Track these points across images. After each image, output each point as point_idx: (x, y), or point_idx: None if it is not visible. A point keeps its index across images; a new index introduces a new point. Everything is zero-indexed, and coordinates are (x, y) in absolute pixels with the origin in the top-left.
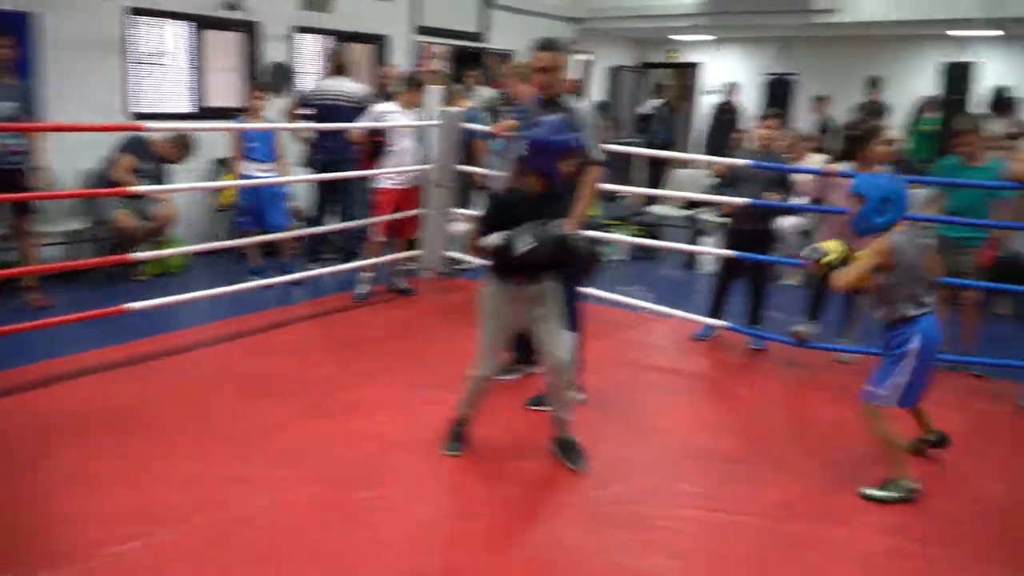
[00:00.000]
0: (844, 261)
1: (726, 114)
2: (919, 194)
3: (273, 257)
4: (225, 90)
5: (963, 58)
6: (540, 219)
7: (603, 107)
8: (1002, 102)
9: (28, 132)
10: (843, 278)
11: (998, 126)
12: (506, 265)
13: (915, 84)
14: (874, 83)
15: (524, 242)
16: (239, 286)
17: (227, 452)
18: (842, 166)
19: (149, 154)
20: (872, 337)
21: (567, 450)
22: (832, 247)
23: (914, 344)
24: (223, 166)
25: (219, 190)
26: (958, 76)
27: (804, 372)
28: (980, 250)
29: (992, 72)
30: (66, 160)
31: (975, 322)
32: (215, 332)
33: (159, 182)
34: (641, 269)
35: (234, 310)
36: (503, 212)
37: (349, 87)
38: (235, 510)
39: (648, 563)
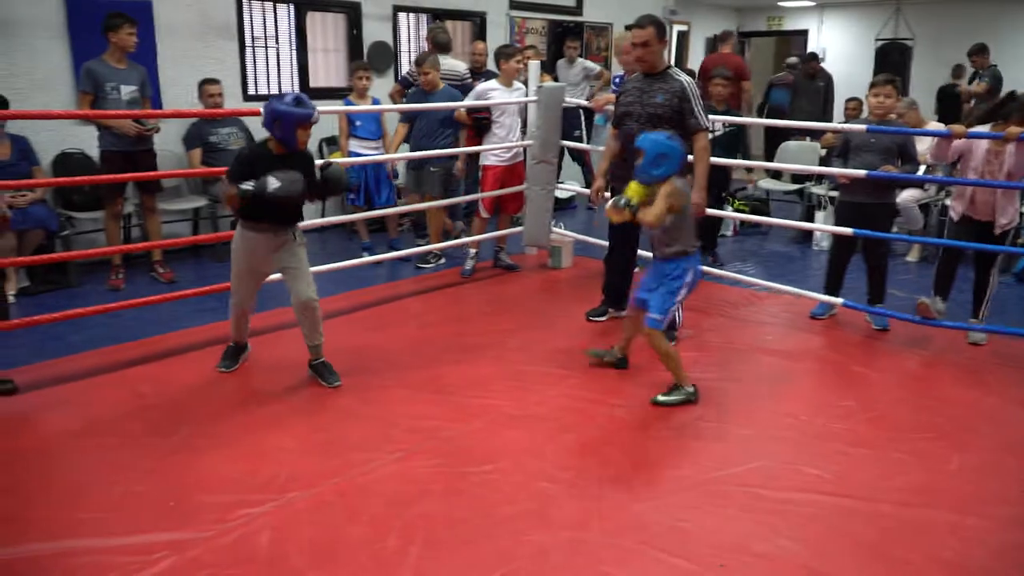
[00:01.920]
0: (644, 203)
1: (817, 83)
2: None
3: (380, 233)
4: (328, 70)
5: None
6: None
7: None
8: None
9: (149, 117)
10: (648, 215)
11: None
12: (254, 213)
13: None
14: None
15: (272, 184)
16: (352, 261)
17: (353, 424)
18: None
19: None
20: (1005, 316)
21: (321, 372)
22: (633, 190)
23: (689, 277)
24: (329, 145)
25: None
26: None
27: (932, 353)
28: None
29: None
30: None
31: None
32: (331, 307)
33: None
34: (752, 245)
35: (346, 285)
36: (248, 166)
37: (451, 65)
38: (357, 479)
39: (773, 545)
